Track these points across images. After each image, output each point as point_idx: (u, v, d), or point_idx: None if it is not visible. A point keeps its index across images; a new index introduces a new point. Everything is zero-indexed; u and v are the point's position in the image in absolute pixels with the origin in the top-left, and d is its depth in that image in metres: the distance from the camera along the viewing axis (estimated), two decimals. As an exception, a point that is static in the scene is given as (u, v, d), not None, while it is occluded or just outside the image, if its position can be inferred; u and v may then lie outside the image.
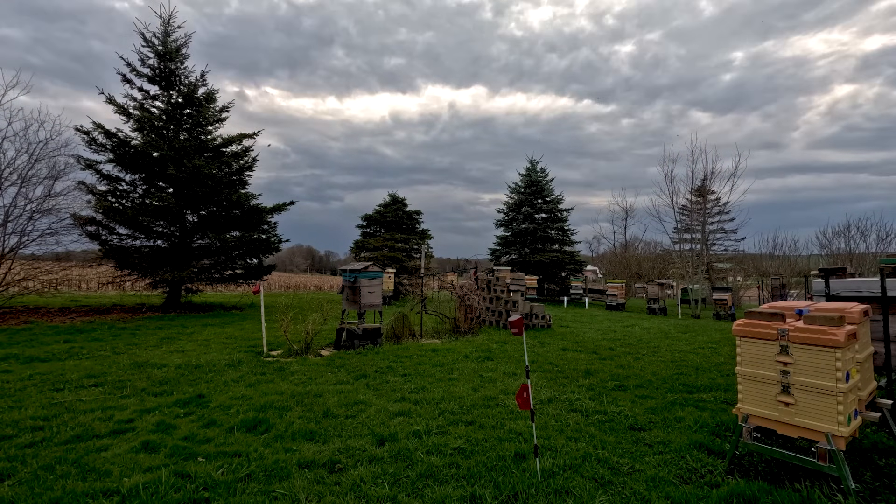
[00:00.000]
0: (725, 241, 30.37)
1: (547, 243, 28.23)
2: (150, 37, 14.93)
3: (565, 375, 6.59)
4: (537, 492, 3.09)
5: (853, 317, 3.28)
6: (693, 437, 4.11)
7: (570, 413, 4.84)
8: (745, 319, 3.46)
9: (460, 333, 10.36)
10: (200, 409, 4.82)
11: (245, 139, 15.98)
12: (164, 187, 14.83)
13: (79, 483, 3.12)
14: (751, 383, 3.39)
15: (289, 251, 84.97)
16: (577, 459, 3.62)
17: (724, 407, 5.04)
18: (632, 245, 41.86)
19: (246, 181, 16.25)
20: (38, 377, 5.94)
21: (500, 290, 12.48)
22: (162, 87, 15.32)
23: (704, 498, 3.03)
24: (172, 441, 3.91)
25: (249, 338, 9.38)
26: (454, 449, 3.80)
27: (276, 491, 3.09)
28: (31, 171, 12.44)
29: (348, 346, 8.24)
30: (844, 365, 3.00)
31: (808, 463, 3.10)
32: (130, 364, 6.82)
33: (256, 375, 6.27)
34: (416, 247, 24.46)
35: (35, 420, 4.34)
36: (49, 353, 7.50)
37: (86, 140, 13.63)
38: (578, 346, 9.31)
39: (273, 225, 16.40)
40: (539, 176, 28.81)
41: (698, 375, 6.71)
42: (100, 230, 14.08)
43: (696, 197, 24.60)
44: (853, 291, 4.71)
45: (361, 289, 8.53)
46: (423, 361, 7.27)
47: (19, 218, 12.34)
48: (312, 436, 4.07)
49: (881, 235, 23.70)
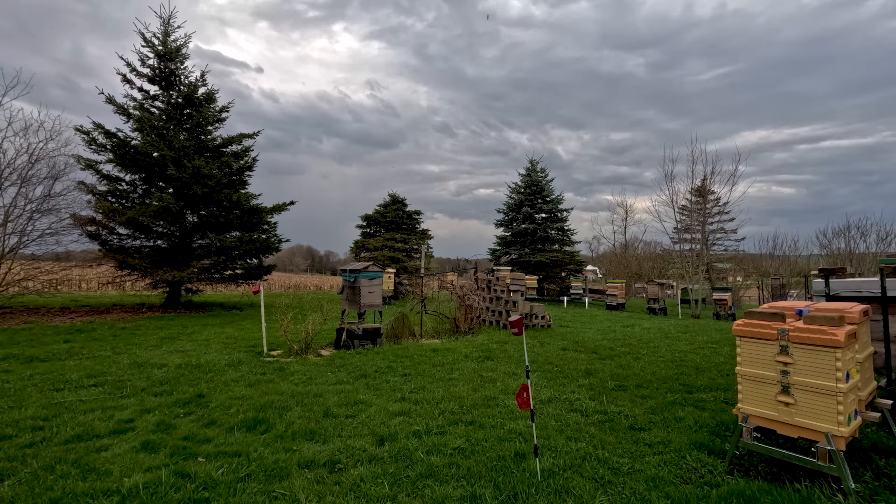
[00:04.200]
0: (725, 241, 30.36)
1: (547, 243, 28.27)
2: (150, 37, 14.94)
3: (565, 375, 6.59)
4: (537, 492, 3.09)
5: (853, 317, 3.28)
6: (693, 437, 4.11)
7: (570, 413, 4.84)
8: (745, 319, 3.47)
9: (460, 333, 10.36)
10: (200, 408, 4.82)
11: (245, 139, 16.01)
12: (164, 187, 14.84)
13: (79, 483, 3.12)
14: (751, 383, 3.39)
15: (289, 251, 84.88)
16: (577, 459, 3.62)
17: (724, 407, 5.04)
18: (632, 245, 41.93)
19: (246, 181, 16.29)
20: (38, 377, 5.94)
21: (500, 290, 12.49)
22: (162, 88, 15.33)
23: (704, 498, 3.03)
24: (172, 441, 3.91)
25: (249, 338, 9.38)
26: (454, 449, 3.80)
27: (276, 491, 3.09)
28: (31, 171, 12.47)
29: (348, 346, 8.24)
30: (844, 365, 3.00)
31: (808, 463, 3.10)
32: (130, 364, 6.82)
33: (256, 375, 6.27)
34: (416, 247, 24.48)
35: (35, 420, 4.34)
36: (49, 352, 7.50)
37: (86, 140, 13.65)
38: (578, 345, 9.31)
39: (273, 225, 16.42)
40: (539, 176, 28.88)
41: (698, 375, 6.71)
42: (100, 230, 14.11)
43: (696, 197, 24.61)
44: (853, 291, 4.70)
45: (361, 289, 8.53)
46: (423, 361, 7.27)
47: (19, 218, 12.36)
48: (312, 436, 4.07)
49: (881, 235, 23.77)
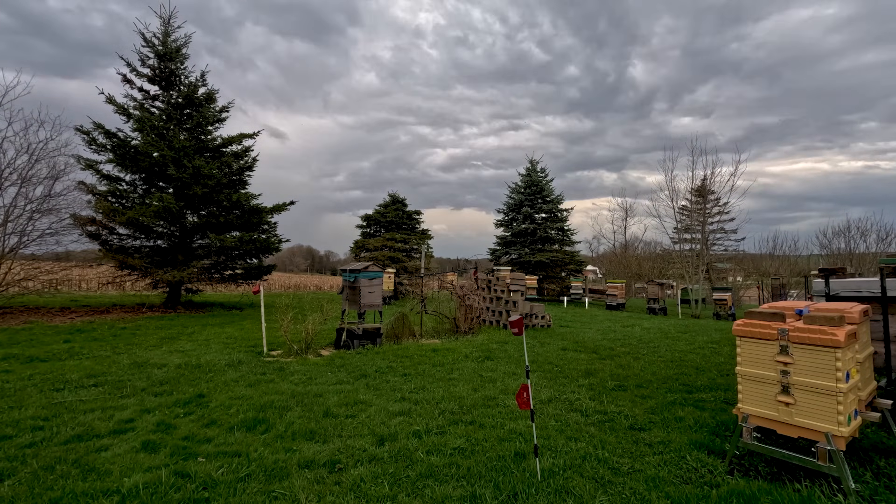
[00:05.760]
0: (725, 241, 30.36)
1: (547, 243, 28.26)
2: (150, 37, 14.94)
3: (565, 375, 6.59)
4: (537, 492, 3.09)
5: (853, 317, 3.28)
6: (693, 437, 4.11)
7: (570, 413, 4.84)
8: (745, 319, 3.47)
9: (460, 333, 10.36)
10: (200, 408, 4.82)
11: (245, 139, 16.01)
12: (164, 187, 14.84)
13: (79, 483, 3.12)
14: (751, 383, 3.39)
15: (289, 251, 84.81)
16: (577, 459, 3.62)
17: (724, 407, 5.04)
18: (632, 245, 41.87)
19: (246, 181, 16.29)
20: (38, 377, 5.94)
21: (500, 290, 12.48)
22: (162, 88, 15.34)
23: (704, 498, 3.03)
24: (172, 441, 3.91)
25: (249, 338, 9.38)
26: (454, 449, 3.80)
27: (276, 491, 3.09)
28: (31, 171, 12.46)
29: (348, 346, 8.24)
30: (844, 365, 3.00)
31: (808, 463, 3.10)
32: (130, 364, 6.82)
33: (256, 375, 6.27)
34: (416, 247, 24.48)
35: (35, 420, 4.34)
36: (49, 352, 7.50)
37: (86, 140, 13.65)
38: (578, 345, 9.31)
39: (273, 225, 16.42)
40: (539, 176, 28.88)
41: (698, 375, 6.71)
42: (100, 230, 14.10)
43: (696, 197, 24.61)
44: (853, 291, 4.70)
45: (361, 289, 8.53)
46: (423, 361, 7.27)
47: (19, 218, 12.36)
48: (312, 435, 4.07)
49: (881, 235, 23.80)
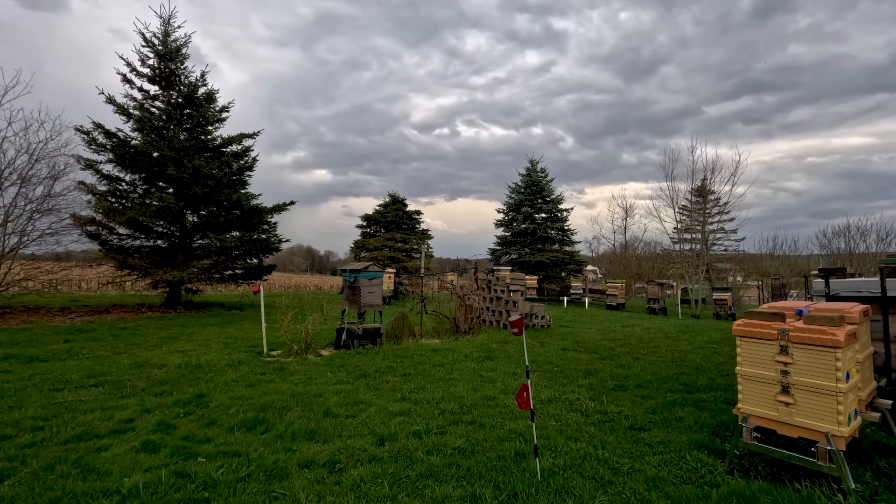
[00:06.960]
0: (725, 241, 30.35)
1: (547, 243, 28.26)
2: (150, 37, 14.94)
3: (565, 375, 6.59)
4: (537, 492, 3.09)
5: (853, 317, 3.28)
6: (693, 437, 4.11)
7: (570, 413, 4.84)
8: (745, 319, 3.47)
9: (460, 333, 10.35)
10: (200, 408, 4.82)
11: (245, 139, 16.00)
12: (164, 187, 14.84)
13: (79, 483, 3.12)
14: (751, 383, 3.39)
15: (289, 251, 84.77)
16: (577, 459, 3.62)
17: (724, 407, 5.04)
18: (632, 245, 41.86)
19: (246, 181, 16.29)
20: (38, 377, 5.94)
21: (500, 290, 12.48)
22: (162, 88, 15.33)
23: (704, 498, 3.03)
24: (172, 441, 3.91)
25: (249, 338, 9.38)
26: (454, 449, 3.80)
27: (276, 491, 3.09)
28: (31, 172, 12.46)
29: (348, 346, 8.24)
30: (844, 365, 3.00)
31: (808, 463, 3.10)
32: (130, 364, 6.82)
33: (256, 375, 6.27)
34: (416, 247, 24.48)
35: (35, 420, 4.34)
36: (49, 352, 7.50)
37: (86, 140, 13.64)
38: (578, 346, 9.31)
39: (273, 225, 16.42)
40: (539, 176, 28.88)
41: (698, 375, 6.71)
42: (100, 230, 14.10)
43: (696, 197, 24.61)
44: (853, 291, 4.69)
45: (361, 289, 8.53)
46: (423, 361, 7.27)
47: (19, 218, 12.36)
48: (312, 436, 4.07)
49: (881, 235, 23.78)
